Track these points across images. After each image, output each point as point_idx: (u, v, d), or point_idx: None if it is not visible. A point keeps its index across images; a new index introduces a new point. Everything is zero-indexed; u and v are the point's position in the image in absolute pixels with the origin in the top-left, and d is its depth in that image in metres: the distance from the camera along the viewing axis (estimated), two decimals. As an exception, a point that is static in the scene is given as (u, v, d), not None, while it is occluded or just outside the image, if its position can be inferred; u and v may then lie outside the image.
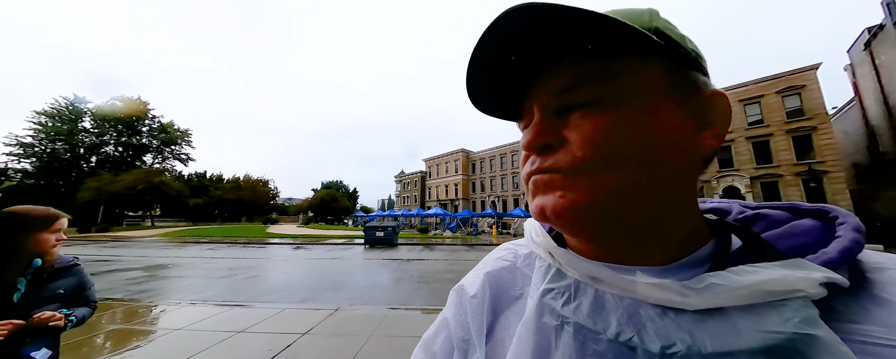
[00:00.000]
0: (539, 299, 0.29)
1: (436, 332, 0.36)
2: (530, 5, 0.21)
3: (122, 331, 3.31)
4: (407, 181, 60.45)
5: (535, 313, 0.28)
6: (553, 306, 0.27)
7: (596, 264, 0.26)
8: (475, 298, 0.33)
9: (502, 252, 0.39)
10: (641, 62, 0.24)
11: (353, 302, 4.69)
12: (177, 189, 30.75)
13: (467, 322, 0.33)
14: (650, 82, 0.24)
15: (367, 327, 3.32)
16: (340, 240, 16.48)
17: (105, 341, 3.06)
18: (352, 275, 6.98)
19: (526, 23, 0.22)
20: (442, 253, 11.54)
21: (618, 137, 0.24)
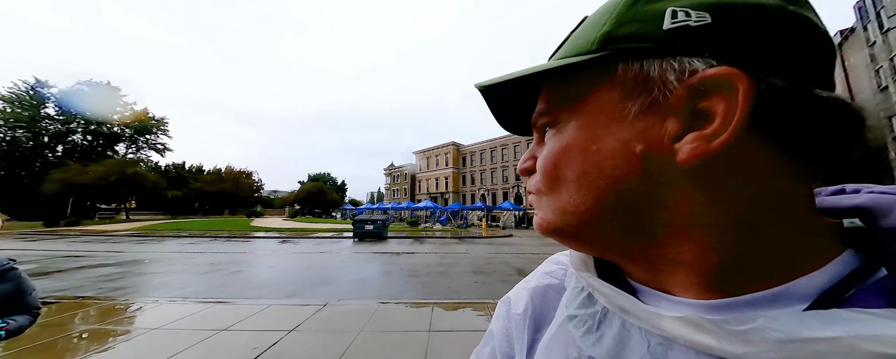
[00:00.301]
0: (560, 325, 0.27)
1: (484, 343, 0.36)
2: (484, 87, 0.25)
3: (94, 331, 3.14)
4: (396, 174, 59.97)
5: (554, 339, 0.26)
6: (573, 335, 0.25)
7: (620, 293, 0.22)
8: (519, 313, 0.32)
9: (551, 267, 0.36)
10: (591, 78, 0.22)
11: (341, 297, 4.62)
12: (153, 181, 29.37)
13: (512, 337, 0.32)
14: (596, 96, 0.22)
15: (357, 323, 3.28)
16: (328, 234, 16.24)
17: (76, 342, 2.89)
18: (341, 269, 6.89)
19: (497, 86, 0.25)
20: (432, 246, 11.56)
21: (562, 157, 0.23)
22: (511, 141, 40.78)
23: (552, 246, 12.44)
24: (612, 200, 0.21)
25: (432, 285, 5.44)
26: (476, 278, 5.92)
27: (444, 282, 5.63)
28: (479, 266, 7.21)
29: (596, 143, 0.21)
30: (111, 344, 2.83)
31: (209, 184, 40.71)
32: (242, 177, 44.28)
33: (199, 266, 7.31)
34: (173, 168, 48.70)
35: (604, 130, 0.21)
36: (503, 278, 5.92)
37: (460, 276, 6.15)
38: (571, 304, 0.27)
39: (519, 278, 4.83)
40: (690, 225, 0.19)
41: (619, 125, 0.20)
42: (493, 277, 6.07)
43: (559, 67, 0.22)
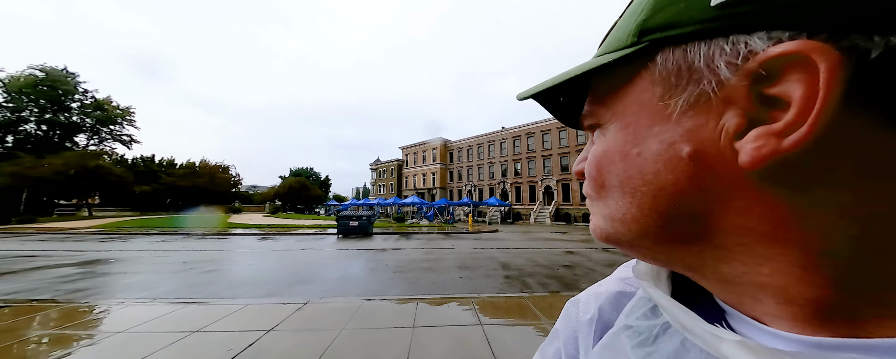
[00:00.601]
0: (614, 333, 0.26)
1: (549, 341, 0.37)
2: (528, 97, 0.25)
3: (53, 336, 2.91)
4: (382, 169, 59.19)
5: (606, 347, 0.25)
6: (625, 345, 0.23)
7: (682, 308, 0.19)
8: (586, 320, 0.32)
9: (624, 272, 0.34)
10: (628, 75, 0.19)
11: (324, 295, 4.52)
12: (119, 175, 27.47)
13: (578, 340, 0.32)
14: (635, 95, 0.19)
15: (339, 321, 3.22)
16: (311, 230, 15.85)
17: (32, 349, 2.67)
18: (324, 266, 6.74)
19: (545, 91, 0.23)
20: (418, 242, 11.54)
21: (604, 162, 0.21)
22: (498, 137, 41.14)
23: (537, 241, 12.75)
24: (660, 209, 0.18)
25: (417, 280, 5.42)
26: (461, 273, 5.96)
27: (430, 278, 5.63)
28: (465, 261, 7.27)
29: (637, 146, 0.19)
30: (73, 349, 2.63)
31: (182, 178, 38.52)
32: (218, 171, 42.23)
33: (170, 265, 6.93)
34: (142, 161, 45.79)
35: (645, 132, 0.19)
36: (488, 273, 6.00)
37: (446, 271, 6.17)
38: (633, 314, 0.26)
39: (503, 272, 4.93)
40: (771, 240, 0.15)
41: (662, 125, 0.18)
42: (479, 272, 6.14)
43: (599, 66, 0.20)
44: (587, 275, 5.91)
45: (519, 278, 5.67)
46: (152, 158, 47.41)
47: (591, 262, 7.41)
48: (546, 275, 5.88)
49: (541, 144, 35.40)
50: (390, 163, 57.39)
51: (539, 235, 15.17)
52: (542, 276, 5.80)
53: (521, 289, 4.90)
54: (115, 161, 39.92)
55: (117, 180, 27.04)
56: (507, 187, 38.34)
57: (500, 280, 5.46)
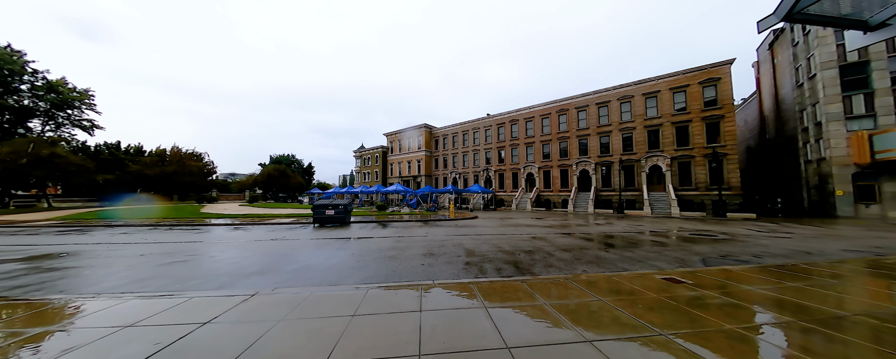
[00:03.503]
0: None
1: None
2: None
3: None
4: (367, 156, 58.24)
5: None
6: None
7: None
8: None
9: None
10: None
11: (278, 286, 4.52)
12: (77, 163, 25.70)
13: None
14: None
15: (281, 312, 3.24)
16: (288, 219, 15.58)
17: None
18: (287, 257, 6.69)
19: None
20: (394, 230, 11.59)
21: None
22: (482, 125, 41.05)
23: (510, 227, 13.09)
24: None
25: (379, 269, 5.49)
26: (424, 261, 6.07)
27: (391, 266, 5.71)
28: (432, 249, 7.39)
29: None
30: (-17, 349, 2.54)
31: (149, 167, 36.48)
32: (190, 158, 40.21)
33: (125, 259, 6.69)
34: (107, 148, 42.93)
35: None
36: (450, 260, 6.14)
37: (409, 259, 6.27)
38: None
39: (466, 259, 5.06)
40: None
41: None
42: (442, 259, 6.27)
43: None
44: (544, 259, 6.16)
45: (478, 264, 5.84)
46: (118, 145, 44.52)
47: (552, 247, 7.70)
48: (504, 261, 6.08)
49: (524, 132, 35.62)
50: (375, 150, 56.47)
51: (515, 222, 15.55)
52: (501, 262, 6.00)
53: (476, 275, 5.07)
54: (74, 148, 37.31)
55: (76, 169, 25.31)
56: (491, 174, 38.70)
57: (460, 267, 5.61)
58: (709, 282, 4.16)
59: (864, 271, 4.96)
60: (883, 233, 10.71)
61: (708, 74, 22.96)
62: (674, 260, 6.17)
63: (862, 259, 5.92)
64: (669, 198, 21.87)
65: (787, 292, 3.76)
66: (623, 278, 4.42)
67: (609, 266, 5.65)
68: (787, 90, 22.54)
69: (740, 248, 7.74)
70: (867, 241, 8.90)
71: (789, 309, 3.22)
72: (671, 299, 3.47)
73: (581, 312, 3.14)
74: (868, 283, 4.28)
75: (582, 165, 29.48)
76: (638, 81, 26.65)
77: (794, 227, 12.89)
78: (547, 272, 5.18)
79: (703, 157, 22.59)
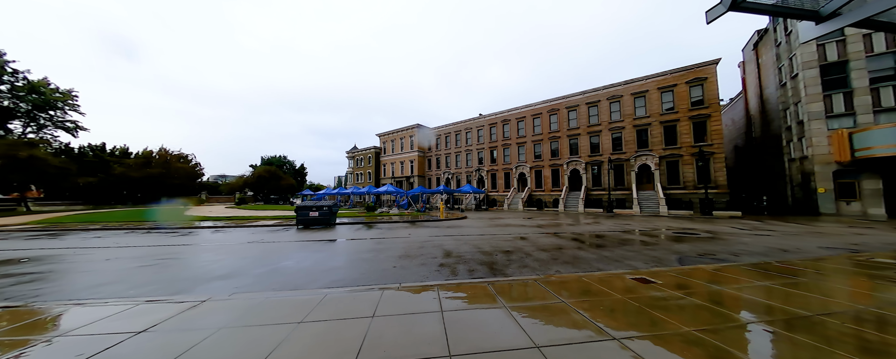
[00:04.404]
0: None
1: None
2: None
3: None
4: (360, 157, 57.78)
5: None
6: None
7: None
8: None
9: None
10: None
11: (239, 290, 4.34)
12: (57, 165, 24.95)
13: None
14: None
15: (224, 319, 3.07)
16: (272, 222, 15.28)
17: None
18: (260, 260, 6.49)
19: None
20: (378, 232, 11.41)
21: None
22: (475, 125, 41.01)
23: (497, 227, 13.00)
24: None
25: (350, 272, 5.33)
26: (398, 263, 5.92)
27: (363, 268, 5.55)
28: (410, 251, 7.24)
29: None
30: None
31: (133, 169, 35.63)
32: (176, 160, 39.40)
33: (88, 264, 6.42)
34: (91, 150, 41.88)
35: None
36: (425, 261, 6.00)
37: (384, 261, 6.12)
38: None
39: (441, 260, 4.89)
40: None
41: None
42: (417, 260, 6.13)
43: None
44: (520, 260, 6.05)
45: (453, 265, 5.71)
46: (103, 147, 43.46)
47: (533, 247, 7.61)
48: (480, 262, 5.96)
49: (515, 132, 35.67)
50: (368, 151, 56.07)
51: (503, 222, 15.47)
52: (476, 262, 5.88)
53: (447, 277, 4.94)
54: (57, 150, 36.30)
55: (56, 172, 24.57)
56: (484, 175, 38.67)
57: (433, 269, 5.48)
58: (679, 282, 4.08)
59: (836, 268, 4.95)
60: (862, 230, 10.85)
61: (694, 74, 23.21)
62: (651, 259, 6.12)
63: (836, 257, 5.94)
64: (658, 197, 22.03)
65: (755, 292, 3.70)
66: (593, 278, 4.33)
67: (584, 266, 5.56)
68: (772, 90, 22.90)
69: (720, 246, 7.74)
70: (845, 238, 8.98)
71: (754, 310, 3.15)
72: (635, 301, 3.38)
73: (539, 315, 3.02)
74: (837, 281, 4.26)
75: (572, 165, 29.58)
76: (627, 81, 26.84)
77: (777, 225, 13.02)
78: (520, 273, 5.07)
79: (691, 156, 22.81)
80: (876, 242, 8.20)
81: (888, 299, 3.41)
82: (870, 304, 3.23)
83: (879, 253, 6.08)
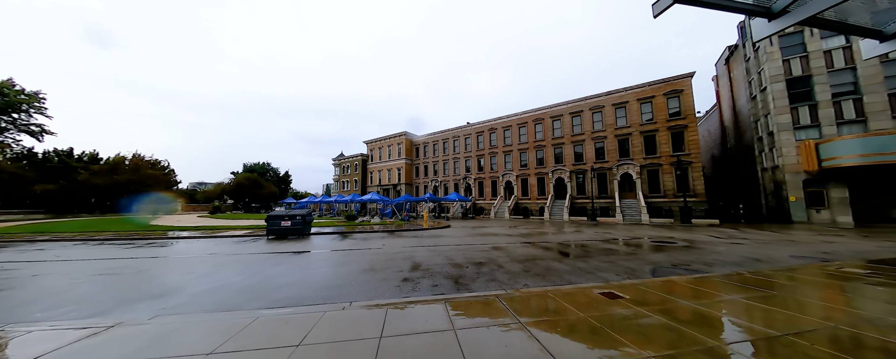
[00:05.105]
0: None
1: None
2: None
3: None
4: (346, 165, 56.82)
5: None
6: None
7: None
8: None
9: None
10: None
11: (162, 312, 3.82)
12: (10, 171, 23.23)
13: None
14: None
15: (118, 351, 2.60)
16: (242, 232, 14.47)
17: None
18: (207, 275, 5.92)
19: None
20: (352, 242, 10.88)
21: None
22: (462, 133, 41.10)
23: (477, 236, 12.68)
24: None
25: (302, 289, 4.87)
26: (359, 277, 5.50)
27: (317, 284, 5.10)
28: (378, 263, 6.82)
29: None
30: None
31: (98, 175, 33.67)
32: (147, 167, 37.54)
33: (11, 281, 5.69)
34: (56, 155, 39.50)
35: None
36: (389, 276, 5.60)
37: (345, 275, 5.68)
38: None
39: (408, 273, 4.45)
40: None
41: None
42: (379, 275, 5.72)
43: None
44: (490, 273, 5.73)
45: (417, 279, 5.33)
46: (70, 152, 41.09)
47: (507, 258, 7.31)
48: (447, 275, 5.61)
49: (502, 141, 35.89)
50: (354, 158, 55.24)
51: (486, 231, 15.17)
52: (443, 276, 5.52)
53: (407, 293, 4.56)
54: (18, 155, 34.02)
55: (9, 178, 22.86)
56: (471, 183, 38.54)
57: (395, 284, 5.08)
58: (647, 297, 3.85)
59: (807, 280, 4.85)
60: (831, 238, 11.10)
61: (671, 86, 24.03)
62: (624, 271, 5.91)
63: (807, 266, 5.89)
64: (640, 205, 22.31)
65: (724, 308, 3.50)
66: (559, 293, 4.05)
67: (554, 279, 5.29)
68: (743, 102, 23.91)
69: (695, 256, 7.65)
70: (815, 246, 9.11)
71: (720, 329, 2.92)
72: (597, 320, 3.10)
73: (489, 340, 2.69)
74: (807, 294, 4.12)
75: (557, 173, 29.83)
76: (608, 92, 27.55)
77: (752, 232, 13.23)
78: (485, 288, 4.74)
79: (670, 165, 23.35)
80: (844, 250, 8.32)
81: (860, 315, 3.26)
82: (841, 321, 3.06)
83: (848, 262, 6.08)
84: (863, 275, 4.98)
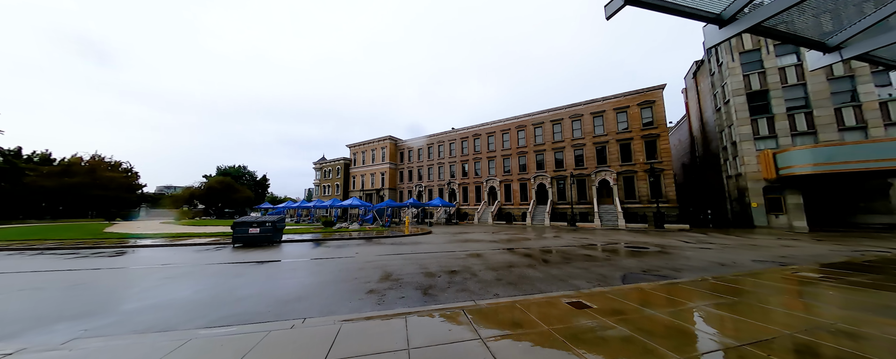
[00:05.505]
0: None
1: None
2: None
3: None
4: (328, 169, 55.33)
5: None
6: None
7: None
8: None
9: None
10: None
11: (82, 335, 3.34)
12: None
13: None
14: None
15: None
16: (207, 239, 13.55)
17: None
18: (145, 291, 5.36)
19: None
20: (325, 250, 10.38)
21: None
22: (447, 138, 41.13)
23: (456, 243, 12.48)
24: None
25: (256, 303, 4.47)
26: (323, 290, 5.15)
27: (275, 297, 4.71)
28: (345, 274, 6.46)
29: None
30: None
31: (46, 177, 30.87)
32: (105, 168, 34.83)
33: None
34: (1, 156, 35.93)
35: None
36: (355, 287, 5.28)
37: (307, 287, 5.30)
38: None
39: (375, 285, 4.10)
40: None
41: None
42: (347, 285, 5.39)
43: None
44: (462, 283, 5.54)
45: (385, 290, 5.05)
46: (18, 152, 37.54)
47: (482, 266, 7.16)
48: (417, 285, 5.36)
49: (486, 147, 36.19)
50: (336, 162, 53.91)
51: (466, 237, 15.01)
52: (412, 287, 5.27)
53: (374, 304, 4.28)
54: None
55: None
56: (456, 188, 38.47)
57: (360, 296, 4.78)
58: (615, 306, 3.78)
59: (767, 285, 4.99)
60: (788, 242, 11.77)
61: (645, 97, 25.18)
62: (596, 278, 5.90)
63: (767, 271, 6.10)
64: (617, 211, 22.97)
65: (688, 317, 3.47)
66: (528, 304, 3.91)
67: (526, 288, 5.17)
68: (710, 114, 25.38)
69: (665, 261, 7.81)
70: (774, 251, 9.58)
71: (683, 340, 2.86)
72: (562, 333, 2.97)
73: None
74: (767, 301, 4.20)
75: (539, 179, 30.32)
76: (587, 101, 28.49)
77: (719, 237, 13.84)
78: (454, 299, 4.54)
79: (644, 172, 24.29)
80: (800, 254, 8.79)
81: (816, 322, 3.31)
82: (798, 329, 3.09)
83: (804, 267, 6.37)
84: (817, 279, 5.19)
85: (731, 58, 20.82)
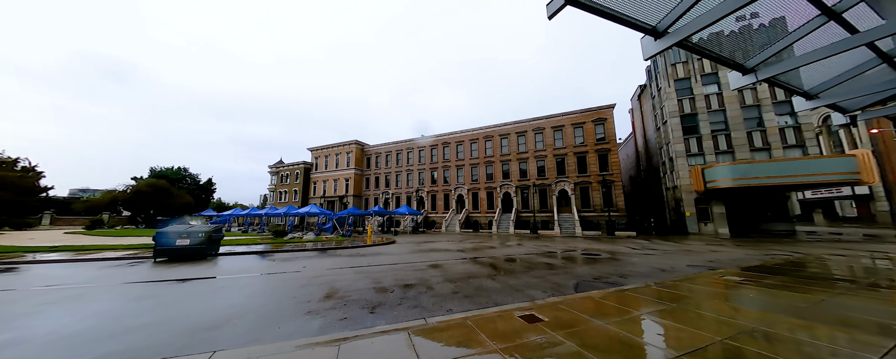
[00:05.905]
0: None
1: None
2: None
3: None
4: (285, 173, 51.52)
5: None
6: None
7: None
8: None
9: None
10: None
11: None
12: None
13: None
14: None
15: None
16: (124, 252, 11.47)
17: None
18: (10, 321, 4.19)
19: None
20: (268, 265, 9.30)
21: None
22: (415, 145, 40.70)
23: (418, 253, 12.06)
24: None
25: (153, 333, 3.66)
26: (251, 312, 4.44)
27: (183, 325, 3.92)
28: (283, 292, 5.73)
29: None
30: None
31: None
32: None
33: None
34: None
35: None
36: (289, 309, 4.64)
37: (230, 308, 4.54)
38: None
39: (316, 304, 3.48)
40: None
41: None
42: (280, 307, 4.72)
43: None
44: (415, 298, 5.18)
45: (326, 311, 4.50)
46: None
47: (440, 278, 6.86)
48: (365, 303, 4.89)
49: (455, 155, 36.44)
50: (295, 166, 50.44)
51: (430, 246, 14.63)
52: (359, 306, 4.78)
53: (312, 330, 3.73)
54: None
55: None
56: (424, 195, 37.96)
57: (296, 318, 4.18)
58: (565, 318, 3.71)
59: (700, 289, 5.34)
60: (715, 247, 13.22)
61: (598, 114, 27.38)
62: (551, 287, 5.91)
63: (699, 275, 6.62)
64: (574, 219, 24.28)
65: (631, 326, 3.50)
66: (479, 320, 3.68)
67: (482, 300, 4.97)
68: (652, 132, 28.33)
69: (614, 268, 8.19)
70: (705, 256, 10.62)
71: (625, 351, 2.82)
72: (510, 352, 2.76)
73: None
74: (701, 306, 4.45)
75: (505, 189, 31.14)
76: (548, 116, 30.20)
77: (660, 243, 15.14)
78: (404, 316, 4.16)
79: (598, 183, 26.15)
80: (725, 258, 9.83)
81: (740, 326, 3.51)
82: (726, 335, 3.23)
83: (729, 271, 7.03)
84: (739, 283, 5.72)
85: (668, 84, 23.57)
